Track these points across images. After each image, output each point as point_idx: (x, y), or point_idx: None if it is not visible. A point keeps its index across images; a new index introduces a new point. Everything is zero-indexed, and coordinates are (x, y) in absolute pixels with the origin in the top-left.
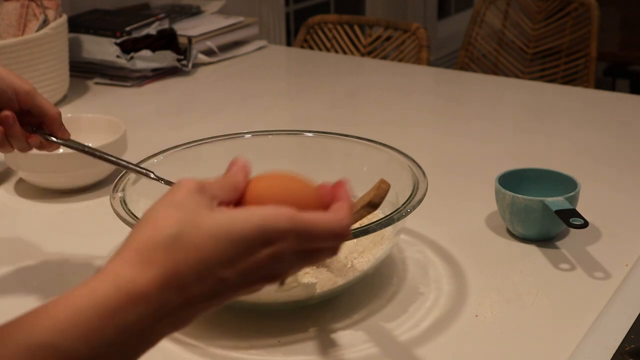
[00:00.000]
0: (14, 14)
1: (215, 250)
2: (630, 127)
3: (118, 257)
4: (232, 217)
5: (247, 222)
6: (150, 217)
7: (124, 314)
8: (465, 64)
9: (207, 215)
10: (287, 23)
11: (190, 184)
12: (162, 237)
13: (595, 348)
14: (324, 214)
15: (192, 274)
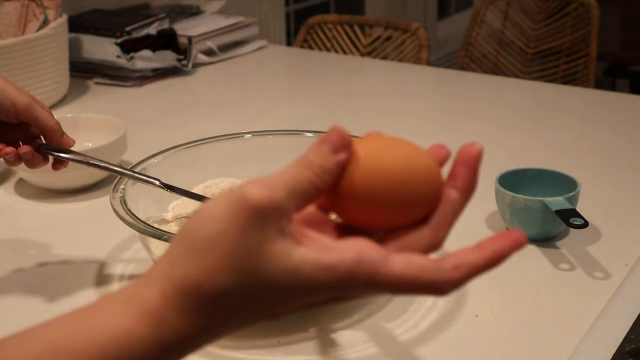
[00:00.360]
0: (14, 14)
1: (272, 299)
2: (630, 127)
3: (156, 289)
4: (303, 261)
5: (323, 274)
6: (202, 249)
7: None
8: (465, 64)
9: (270, 259)
10: (287, 23)
11: (253, 208)
12: (212, 289)
13: (595, 348)
14: (422, 265)
15: (239, 319)
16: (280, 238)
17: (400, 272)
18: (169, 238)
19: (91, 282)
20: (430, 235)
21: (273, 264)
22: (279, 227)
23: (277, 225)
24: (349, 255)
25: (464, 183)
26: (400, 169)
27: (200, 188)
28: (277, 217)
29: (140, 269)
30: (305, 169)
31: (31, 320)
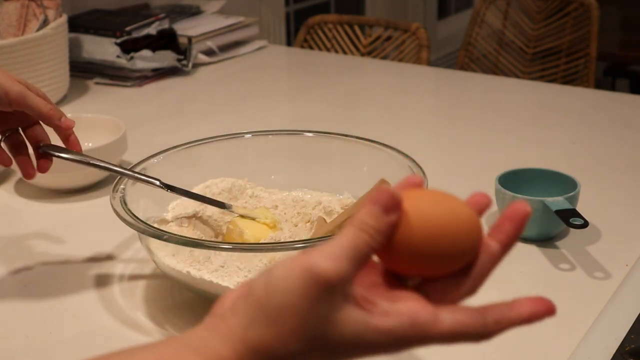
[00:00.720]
0: (14, 14)
1: (337, 357)
2: (630, 127)
3: (230, 348)
4: (366, 327)
5: (383, 338)
6: (275, 317)
7: None
8: (465, 64)
9: (338, 326)
10: (287, 23)
11: (325, 282)
12: (284, 352)
13: (595, 348)
14: (468, 322)
15: None
16: (346, 304)
17: (450, 330)
18: (169, 238)
19: (91, 282)
20: (470, 285)
21: (340, 330)
22: (345, 294)
23: (343, 292)
24: (406, 321)
25: (507, 238)
26: (446, 224)
27: (200, 188)
28: (343, 285)
29: (140, 269)
30: (361, 233)
31: (31, 320)
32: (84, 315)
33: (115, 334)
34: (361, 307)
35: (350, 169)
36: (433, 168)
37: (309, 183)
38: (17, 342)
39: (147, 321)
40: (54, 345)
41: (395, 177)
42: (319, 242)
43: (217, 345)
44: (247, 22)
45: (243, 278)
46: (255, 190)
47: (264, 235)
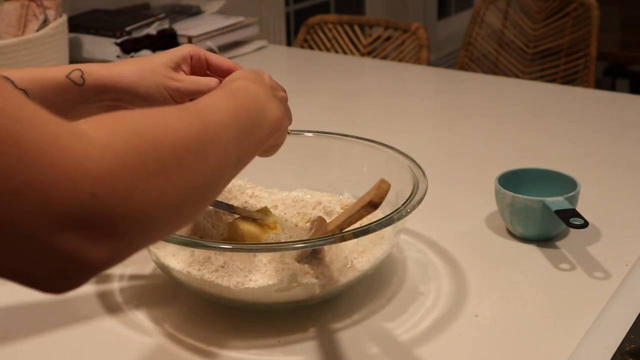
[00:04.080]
0: (14, 14)
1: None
2: (630, 127)
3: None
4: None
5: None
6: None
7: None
8: (465, 64)
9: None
10: (287, 23)
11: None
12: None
13: (595, 348)
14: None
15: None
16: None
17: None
18: (169, 238)
19: (91, 282)
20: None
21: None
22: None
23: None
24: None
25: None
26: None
27: None
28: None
29: (140, 269)
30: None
31: (31, 320)
32: (84, 315)
33: (115, 334)
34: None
35: (350, 169)
36: (433, 168)
37: (309, 183)
38: (17, 342)
39: (147, 321)
40: (54, 345)
41: (395, 177)
42: (319, 242)
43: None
44: (247, 22)
45: (243, 278)
46: (255, 190)
47: (264, 236)
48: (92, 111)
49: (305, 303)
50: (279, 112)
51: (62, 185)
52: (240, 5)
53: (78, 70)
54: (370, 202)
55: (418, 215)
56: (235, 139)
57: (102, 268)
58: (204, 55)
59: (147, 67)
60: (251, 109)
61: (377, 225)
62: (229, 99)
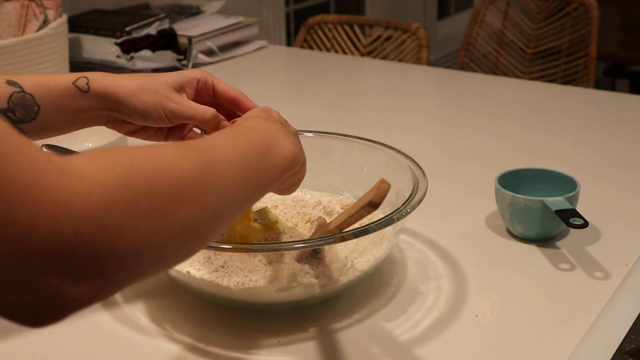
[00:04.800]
0: (14, 14)
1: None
2: (630, 127)
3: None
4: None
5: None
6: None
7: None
8: (465, 64)
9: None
10: (287, 23)
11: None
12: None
13: (595, 348)
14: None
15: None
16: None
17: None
18: None
19: None
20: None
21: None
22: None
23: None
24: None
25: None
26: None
27: None
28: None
29: None
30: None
31: None
32: (83, 316)
33: (115, 334)
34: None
35: (350, 169)
36: (433, 168)
37: (309, 183)
38: (17, 342)
39: (147, 321)
40: (54, 345)
41: (395, 177)
42: (319, 242)
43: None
44: (247, 22)
45: (243, 278)
46: None
47: (265, 235)
48: (95, 120)
49: (305, 303)
50: (293, 147)
51: (44, 223)
52: (240, 5)
53: (84, 78)
54: (370, 202)
55: (418, 215)
56: (242, 176)
57: (84, 306)
58: (212, 81)
59: (150, 83)
60: (261, 144)
61: (377, 225)
62: (236, 136)
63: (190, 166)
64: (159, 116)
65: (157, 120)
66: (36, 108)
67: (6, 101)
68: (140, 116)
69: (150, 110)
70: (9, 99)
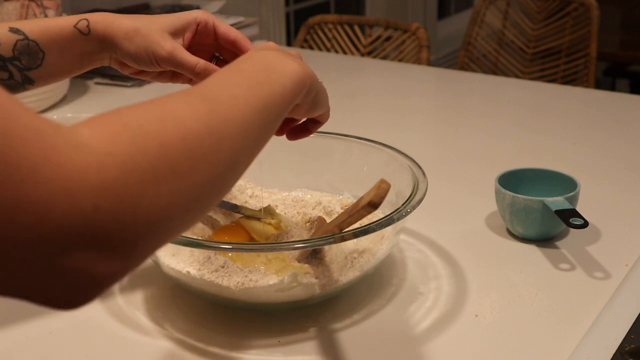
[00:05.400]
0: (14, 14)
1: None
2: (630, 127)
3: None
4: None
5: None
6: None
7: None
8: (465, 64)
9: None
10: (287, 23)
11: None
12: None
13: (595, 348)
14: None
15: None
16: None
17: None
18: None
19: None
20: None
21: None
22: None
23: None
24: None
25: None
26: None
27: None
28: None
29: (140, 269)
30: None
31: (31, 320)
32: (84, 316)
33: (115, 334)
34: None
35: (350, 169)
36: (433, 168)
37: (309, 183)
38: (17, 342)
39: (147, 321)
40: (54, 345)
41: (395, 177)
42: (319, 242)
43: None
44: (247, 22)
45: (243, 278)
46: (255, 190)
47: (269, 235)
48: (99, 61)
49: (305, 303)
50: (295, 65)
51: (61, 201)
52: (240, 5)
53: (85, 20)
54: (370, 202)
55: (418, 215)
56: (251, 110)
57: (115, 280)
58: (213, 23)
59: (145, 27)
60: (261, 71)
61: (377, 225)
62: (234, 72)
63: (198, 115)
64: (150, 61)
65: (149, 65)
66: (41, 54)
67: (11, 49)
68: (133, 60)
69: (142, 55)
70: (13, 47)
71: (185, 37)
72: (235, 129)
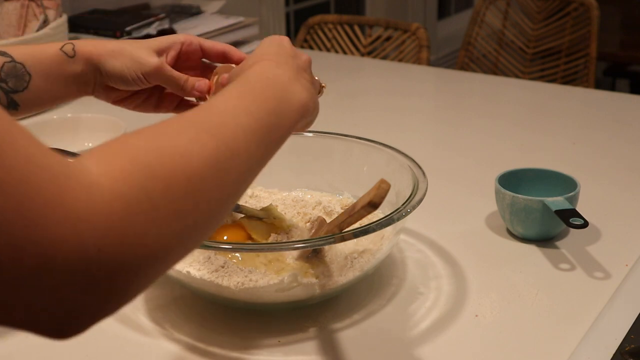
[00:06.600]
0: (14, 14)
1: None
2: (630, 127)
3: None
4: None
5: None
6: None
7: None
8: (465, 64)
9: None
10: (287, 23)
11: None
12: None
13: (595, 348)
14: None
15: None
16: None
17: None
18: None
19: None
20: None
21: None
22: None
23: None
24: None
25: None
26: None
27: None
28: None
29: None
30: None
31: None
32: None
33: (115, 334)
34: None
35: (350, 169)
36: (433, 168)
37: (309, 183)
38: (17, 342)
39: (147, 321)
40: (54, 345)
41: (395, 177)
42: (319, 242)
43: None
44: (247, 22)
45: (243, 278)
46: (255, 190)
47: (269, 234)
48: (84, 86)
49: (305, 303)
50: (304, 96)
51: (68, 243)
52: (240, 5)
53: (70, 44)
54: (370, 202)
55: (418, 215)
56: (256, 141)
57: (109, 314)
58: (198, 42)
59: (130, 45)
60: (272, 99)
61: (377, 225)
62: (245, 95)
63: (205, 152)
64: (137, 77)
65: (136, 82)
66: (27, 77)
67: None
68: (119, 78)
69: (129, 71)
70: (0, 68)
71: (169, 56)
72: (239, 164)
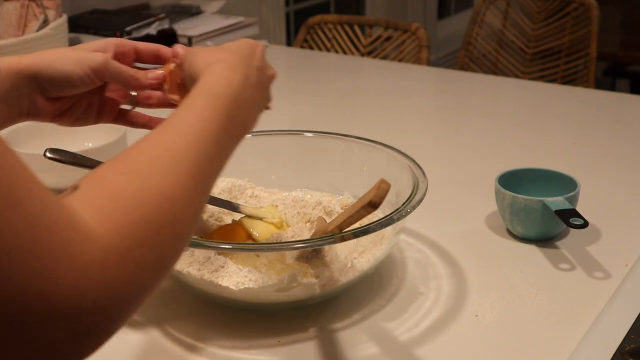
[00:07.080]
0: (14, 14)
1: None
2: (630, 127)
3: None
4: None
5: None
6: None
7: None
8: (465, 64)
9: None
10: (287, 23)
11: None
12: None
13: (595, 348)
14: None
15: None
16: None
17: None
18: None
19: None
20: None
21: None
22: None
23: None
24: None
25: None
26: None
27: None
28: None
29: None
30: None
31: None
32: None
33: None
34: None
35: (350, 169)
36: (433, 168)
37: (309, 183)
38: None
39: (148, 321)
40: None
41: (395, 177)
42: (319, 242)
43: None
44: (247, 22)
45: (243, 278)
46: (255, 190)
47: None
48: (16, 103)
49: (305, 303)
50: (255, 119)
51: (67, 296)
52: (240, 5)
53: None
54: (370, 202)
55: (418, 215)
56: (220, 170)
57: (93, 353)
58: (131, 44)
59: (69, 50)
60: (234, 123)
61: (377, 225)
62: (213, 119)
63: (187, 194)
64: (84, 75)
65: (83, 79)
66: None
67: None
68: (65, 80)
69: (75, 71)
70: None
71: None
72: (207, 195)
